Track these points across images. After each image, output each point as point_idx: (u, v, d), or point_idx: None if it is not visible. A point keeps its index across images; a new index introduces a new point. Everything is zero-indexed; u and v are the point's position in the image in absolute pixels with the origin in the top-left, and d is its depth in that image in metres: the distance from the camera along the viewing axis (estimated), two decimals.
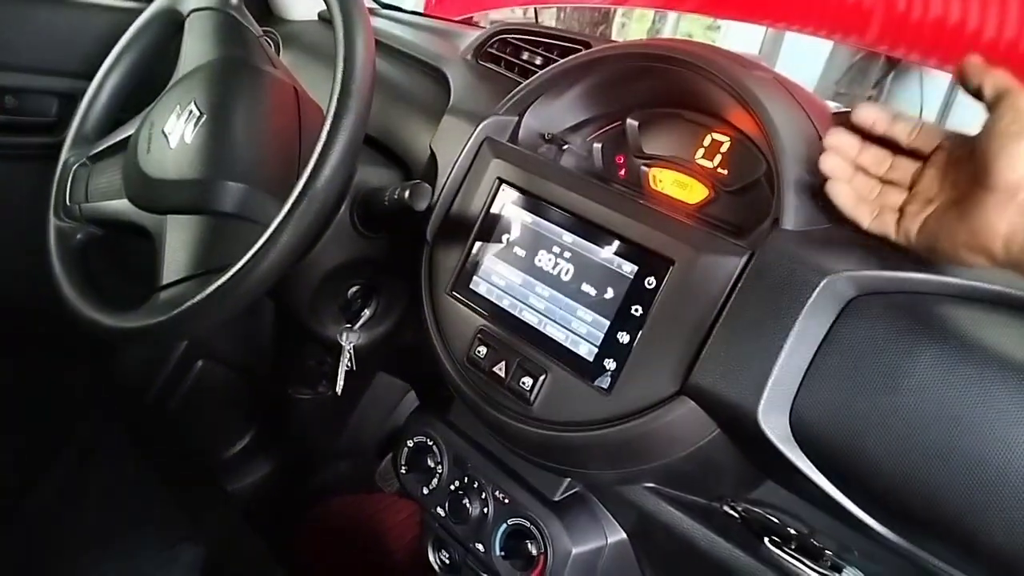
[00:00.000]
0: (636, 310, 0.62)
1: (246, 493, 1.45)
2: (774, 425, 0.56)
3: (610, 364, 0.63)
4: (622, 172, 0.78)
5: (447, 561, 0.85)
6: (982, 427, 0.49)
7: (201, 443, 1.32)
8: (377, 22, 1.12)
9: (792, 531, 0.64)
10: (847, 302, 0.55)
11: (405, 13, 1.22)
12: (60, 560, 0.71)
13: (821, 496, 0.58)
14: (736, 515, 0.67)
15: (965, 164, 0.53)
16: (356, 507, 1.50)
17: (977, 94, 0.52)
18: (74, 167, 0.86)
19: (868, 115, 0.57)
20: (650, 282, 0.62)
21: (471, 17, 1.50)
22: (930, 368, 0.51)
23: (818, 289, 0.54)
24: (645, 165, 0.76)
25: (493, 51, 0.94)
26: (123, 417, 0.97)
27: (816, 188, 0.60)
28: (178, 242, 0.73)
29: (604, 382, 0.63)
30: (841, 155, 0.58)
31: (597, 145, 0.80)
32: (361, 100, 0.66)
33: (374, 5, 1.22)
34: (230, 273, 0.65)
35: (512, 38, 0.93)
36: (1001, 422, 0.48)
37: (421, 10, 1.48)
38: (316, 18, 1.17)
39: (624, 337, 0.63)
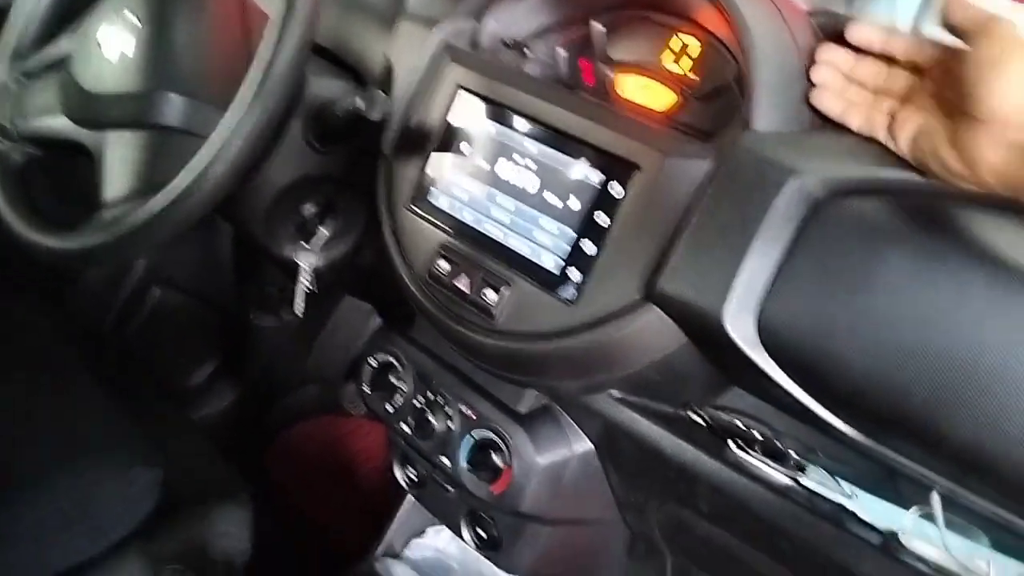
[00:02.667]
0: (602, 219, 0.61)
1: (212, 421, 1.43)
2: (740, 330, 0.55)
3: (575, 275, 0.62)
4: (587, 79, 0.75)
5: (414, 477, 0.86)
6: (953, 325, 0.49)
7: (162, 372, 1.30)
8: None
9: (757, 434, 0.65)
10: (816, 202, 0.54)
11: None
12: (9, 485, 0.69)
13: (787, 400, 0.58)
14: (702, 421, 0.67)
15: (959, 86, 0.50)
16: (324, 430, 1.50)
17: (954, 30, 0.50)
18: (7, 85, 0.81)
19: (863, 34, 0.55)
20: (616, 189, 0.60)
21: None
22: (902, 268, 0.51)
23: (785, 189, 0.53)
24: (611, 71, 0.73)
25: None
26: (77, 346, 0.94)
27: (788, 90, 0.58)
28: (119, 159, 0.69)
29: (569, 292, 0.62)
30: (834, 68, 0.56)
31: (561, 51, 0.76)
32: (307, 1, 0.62)
33: None
34: (173, 190, 0.62)
35: None
36: (972, 321, 0.48)
37: None
38: None
39: (589, 247, 0.61)
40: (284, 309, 1.42)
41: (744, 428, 0.65)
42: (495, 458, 0.70)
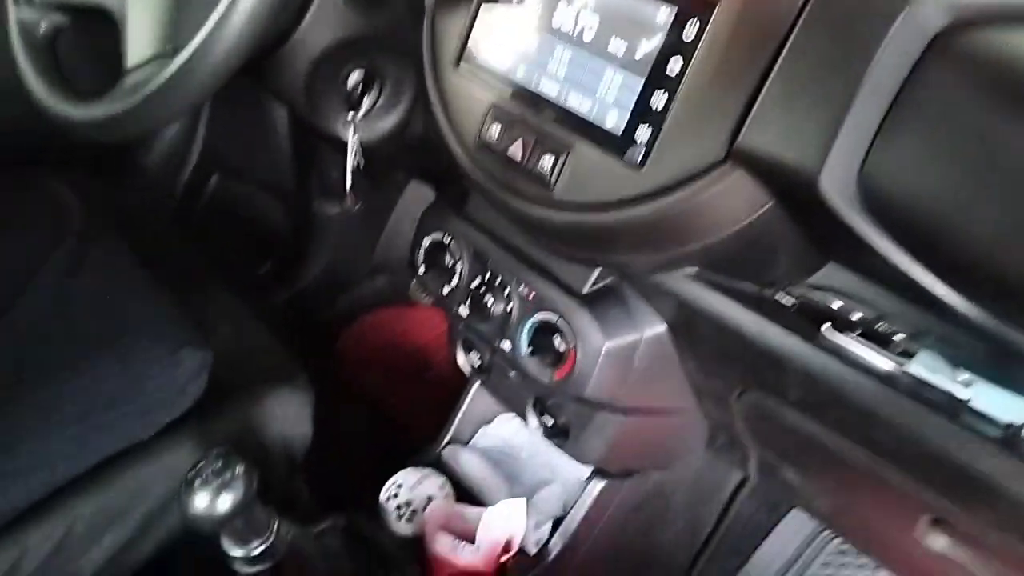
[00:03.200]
0: (675, 66, 0.52)
1: (279, 310, 1.43)
2: (840, 190, 0.46)
3: (643, 134, 0.53)
4: None
5: (477, 363, 0.81)
6: None
7: (226, 260, 1.28)
8: None
9: (857, 316, 0.56)
10: (937, 35, 0.44)
11: None
12: (51, 365, 0.68)
13: (894, 274, 0.50)
14: (792, 303, 0.59)
15: None
16: (394, 321, 1.48)
17: None
18: None
19: None
20: (691, 28, 0.51)
21: None
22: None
23: (899, 20, 0.43)
24: None
25: None
26: (134, 228, 0.92)
27: None
28: (141, 19, 0.63)
29: (636, 155, 0.53)
30: None
31: None
32: None
33: None
34: (190, 49, 0.55)
35: None
36: None
37: None
38: None
39: (660, 100, 0.52)
40: (349, 196, 1.38)
41: (838, 308, 0.57)
42: (557, 341, 0.64)
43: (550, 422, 0.75)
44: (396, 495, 0.83)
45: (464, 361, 0.82)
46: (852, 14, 0.45)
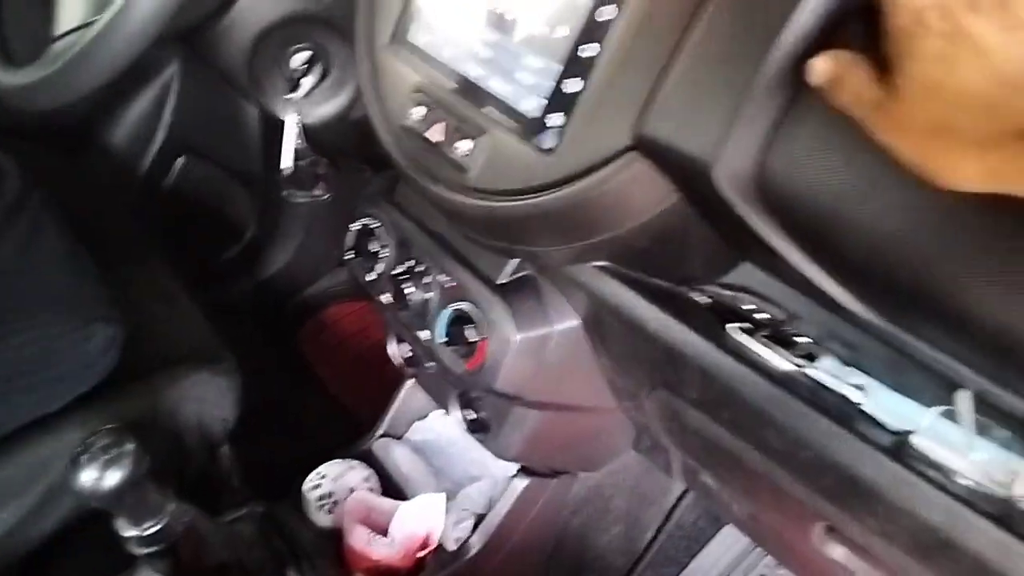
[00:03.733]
0: (589, 50, 0.51)
1: (244, 297, 1.42)
2: (737, 184, 0.46)
3: (556, 119, 0.53)
4: None
5: (408, 355, 0.80)
6: None
7: (189, 243, 1.28)
8: None
9: (764, 317, 0.56)
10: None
11: None
12: None
13: (793, 273, 0.49)
14: (705, 301, 0.58)
15: None
16: (356, 315, 1.47)
17: None
18: None
19: None
20: (607, 12, 0.50)
21: None
22: None
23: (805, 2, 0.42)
24: None
25: None
26: (79, 205, 0.92)
27: None
28: None
29: (548, 141, 0.53)
30: None
31: None
32: None
33: None
34: (111, 12, 0.55)
35: None
36: None
37: None
38: None
39: (574, 85, 0.52)
40: (317, 185, 1.37)
41: (749, 309, 0.56)
42: (470, 331, 0.63)
43: (472, 416, 0.74)
44: (319, 485, 0.82)
45: (395, 352, 0.82)
46: (755, 4, 0.44)
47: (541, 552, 0.92)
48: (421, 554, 0.79)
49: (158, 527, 0.58)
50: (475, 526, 0.82)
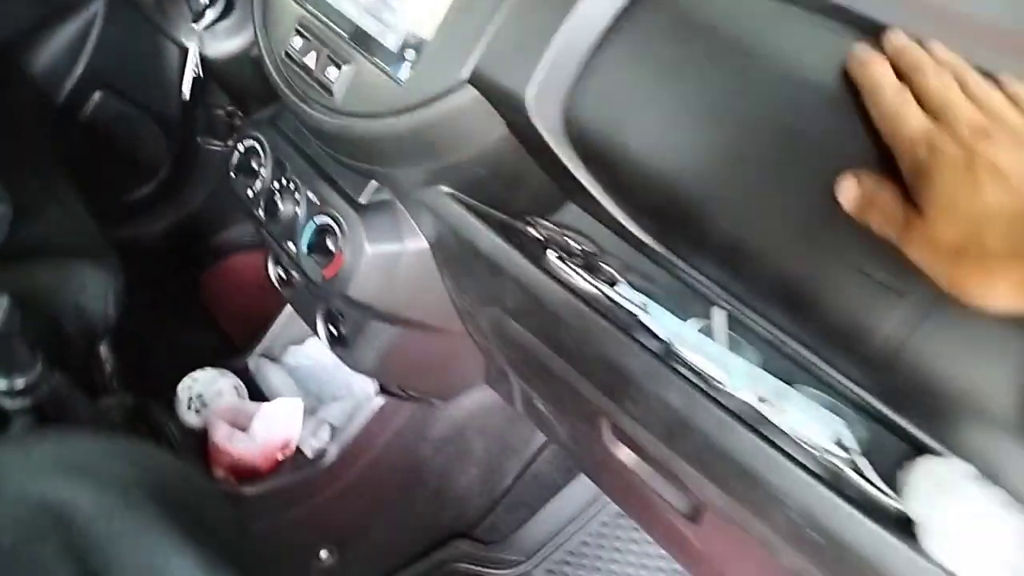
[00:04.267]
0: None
1: (152, 238, 1.46)
2: (544, 117, 0.55)
3: (410, 55, 0.61)
4: None
5: (283, 276, 0.87)
6: (740, 119, 0.48)
7: (98, 179, 1.31)
8: None
9: (578, 248, 0.65)
10: None
11: None
12: None
13: (600, 210, 0.59)
14: (535, 234, 0.67)
15: None
16: (252, 269, 1.52)
17: None
18: None
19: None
20: None
21: None
22: (710, 61, 0.50)
23: None
24: None
25: None
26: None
27: None
28: None
29: (403, 72, 0.61)
30: None
31: None
32: None
33: None
34: None
35: None
36: (758, 115, 0.47)
37: None
38: None
39: (424, 30, 0.60)
40: (232, 136, 1.42)
41: (567, 241, 0.65)
42: (330, 243, 0.71)
43: (334, 332, 0.82)
44: (191, 387, 0.89)
45: (272, 272, 0.88)
46: None
47: (399, 475, 1.00)
48: (280, 457, 0.86)
49: (25, 383, 0.63)
50: (332, 439, 0.89)
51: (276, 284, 0.89)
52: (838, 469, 0.49)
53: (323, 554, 0.96)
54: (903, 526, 0.46)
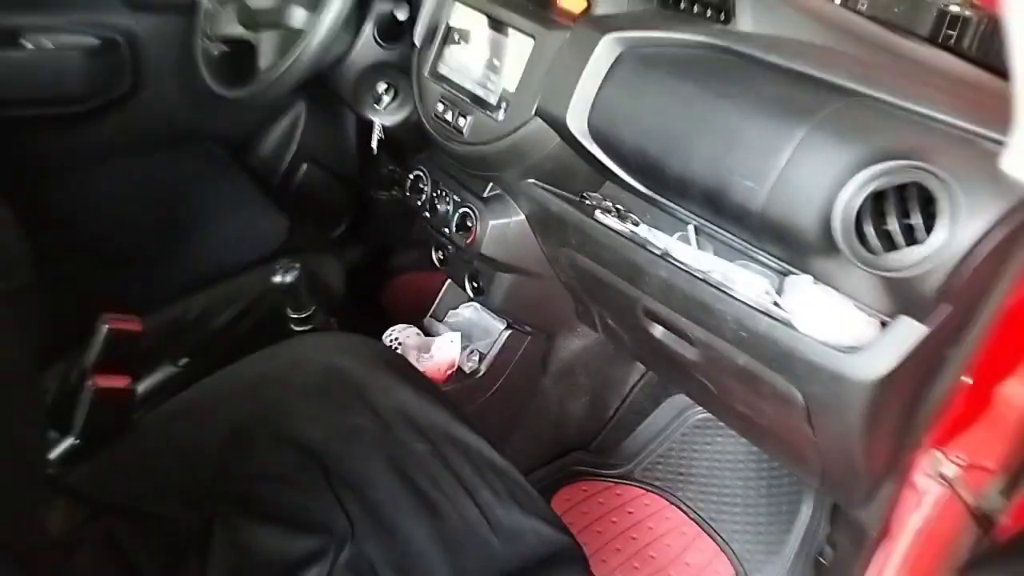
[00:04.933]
0: (516, 70, 1.06)
1: (348, 265, 2.00)
2: (577, 127, 0.99)
3: (503, 105, 1.07)
4: None
5: (442, 257, 1.35)
6: (690, 118, 0.88)
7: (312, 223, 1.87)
8: None
9: (614, 207, 1.08)
10: (621, 51, 0.96)
11: None
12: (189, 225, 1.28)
13: (620, 180, 1.01)
14: (589, 202, 1.11)
15: None
16: (419, 281, 2.03)
17: None
18: (208, 8, 1.37)
19: None
20: (522, 52, 1.05)
21: None
22: (658, 86, 0.92)
23: (600, 42, 0.96)
24: None
25: None
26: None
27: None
28: (267, 48, 1.23)
29: (500, 115, 1.08)
30: None
31: None
32: None
33: None
34: (289, 58, 1.14)
35: None
36: (701, 116, 0.88)
37: None
38: None
39: (511, 88, 1.07)
40: (394, 187, 1.95)
41: (607, 204, 1.09)
42: (468, 222, 1.18)
43: (475, 285, 1.28)
44: (391, 334, 1.38)
45: (435, 256, 1.36)
46: (582, 41, 0.97)
47: (527, 397, 1.44)
48: (449, 372, 1.32)
49: (307, 314, 1.14)
50: (480, 362, 1.35)
51: (437, 264, 1.37)
52: (761, 299, 0.89)
53: None
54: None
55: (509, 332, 1.34)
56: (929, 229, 0.71)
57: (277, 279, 1.11)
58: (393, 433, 0.97)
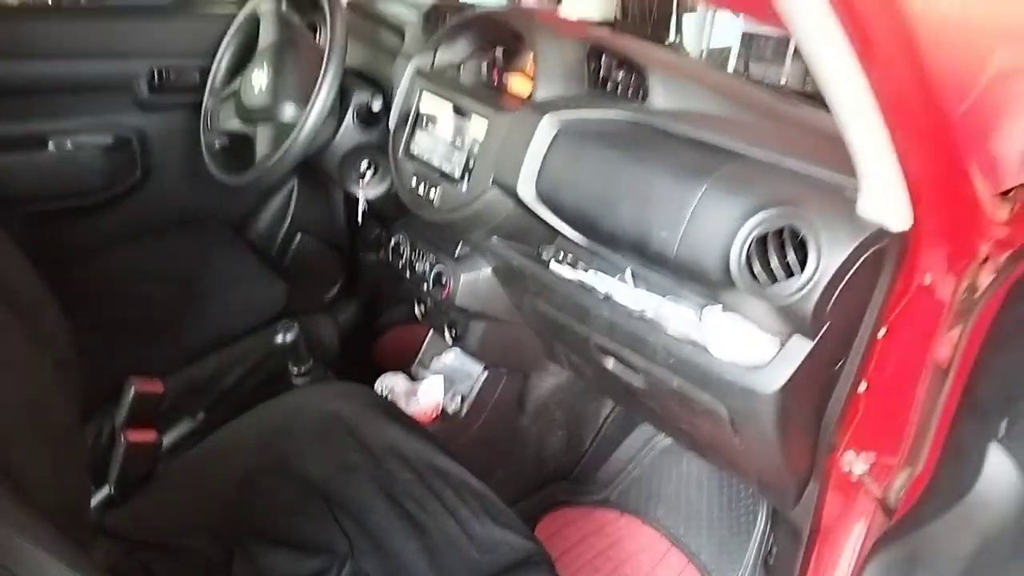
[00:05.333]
0: (474, 147, 1.25)
1: (341, 324, 2.17)
2: (527, 194, 1.17)
3: (466, 176, 1.26)
4: (495, 80, 1.39)
5: (423, 310, 1.52)
6: (616, 181, 1.07)
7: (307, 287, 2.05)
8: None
9: (569, 258, 1.25)
10: (558, 129, 1.15)
11: None
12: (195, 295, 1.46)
13: (554, 229, 1.19)
14: (546, 255, 1.29)
15: None
16: (409, 334, 2.20)
17: None
18: (210, 106, 1.57)
19: None
20: (479, 132, 1.24)
21: None
22: (590, 156, 1.10)
23: (540, 122, 1.14)
24: (505, 75, 1.37)
25: (432, 17, 1.57)
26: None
27: (559, 78, 1.19)
28: (262, 139, 1.42)
29: (463, 187, 1.26)
30: None
31: (483, 64, 1.40)
32: (338, 60, 1.31)
33: None
34: (283, 148, 1.33)
35: (444, 10, 1.55)
36: (625, 179, 1.06)
37: None
38: None
39: (471, 162, 1.25)
40: (380, 250, 2.14)
41: (560, 256, 1.26)
42: (443, 279, 1.35)
43: (454, 333, 1.45)
44: (383, 382, 1.54)
45: (417, 310, 1.54)
46: (526, 120, 1.16)
47: (507, 434, 1.59)
48: (435, 414, 1.48)
49: (305, 368, 1.30)
50: (462, 403, 1.51)
51: (419, 317, 1.54)
52: (684, 329, 1.06)
53: None
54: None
55: (487, 374, 1.51)
56: (803, 263, 0.88)
57: (279, 339, 1.28)
58: (384, 466, 1.13)
